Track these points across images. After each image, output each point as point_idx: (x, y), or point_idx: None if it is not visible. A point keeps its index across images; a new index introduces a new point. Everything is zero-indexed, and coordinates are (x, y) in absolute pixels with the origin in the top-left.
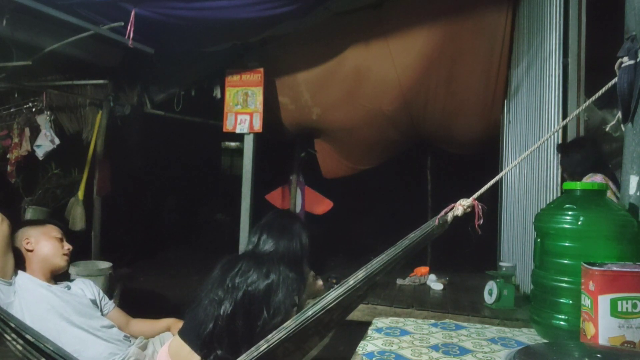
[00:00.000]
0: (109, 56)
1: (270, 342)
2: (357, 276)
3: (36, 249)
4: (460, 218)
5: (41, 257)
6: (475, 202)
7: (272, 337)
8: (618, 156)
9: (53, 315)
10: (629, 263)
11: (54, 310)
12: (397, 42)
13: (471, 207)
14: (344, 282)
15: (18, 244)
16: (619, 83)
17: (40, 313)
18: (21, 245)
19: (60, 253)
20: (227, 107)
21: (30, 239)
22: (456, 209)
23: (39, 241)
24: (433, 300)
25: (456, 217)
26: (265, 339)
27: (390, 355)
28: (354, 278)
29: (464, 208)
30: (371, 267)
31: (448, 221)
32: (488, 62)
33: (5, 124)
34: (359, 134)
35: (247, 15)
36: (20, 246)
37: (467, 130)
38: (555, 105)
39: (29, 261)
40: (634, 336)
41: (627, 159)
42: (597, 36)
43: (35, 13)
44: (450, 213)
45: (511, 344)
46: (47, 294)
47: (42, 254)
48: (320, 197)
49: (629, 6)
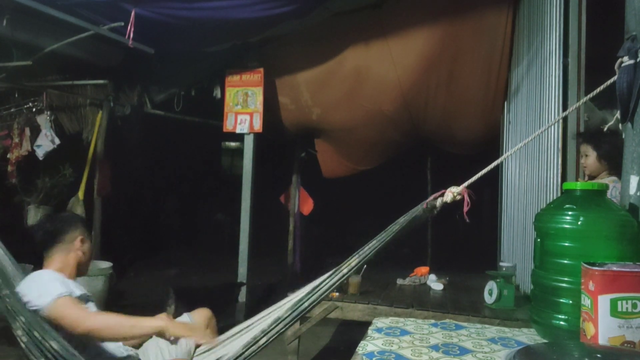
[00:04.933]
0: (109, 56)
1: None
2: (351, 264)
3: (85, 249)
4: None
5: (85, 260)
6: (465, 190)
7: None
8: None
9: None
10: (629, 263)
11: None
12: (397, 42)
13: (460, 195)
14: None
15: (69, 239)
16: (619, 83)
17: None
18: (74, 241)
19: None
20: (227, 107)
21: (84, 238)
22: (445, 195)
23: (86, 242)
24: (433, 300)
25: (445, 203)
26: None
27: (390, 355)
28: (347, 267)
29: (453, 195)
30: (363, 252)
31: (437, 206)
32: (488, 63)
33: (5, 124)
34: (359, 134)
35: (247, 15)
36: (71, 241)
37: (467, 131)
38: (556, 105)
39: (69, 259)
40: (634, 336)
41: (627, 159)
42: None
43: (35, 13)
44: (440, 199)
45: (511, 344)
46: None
47: (86, 258)
48: (306, 197)
49: (629, 6)
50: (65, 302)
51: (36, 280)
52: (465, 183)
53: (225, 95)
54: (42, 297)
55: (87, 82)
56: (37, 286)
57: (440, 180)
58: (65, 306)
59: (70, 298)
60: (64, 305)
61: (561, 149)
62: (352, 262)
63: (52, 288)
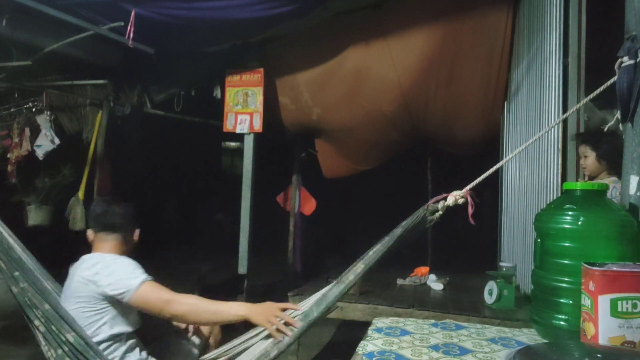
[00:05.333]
0: (109, 56)
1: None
2: (356, 270)
3: (136, 244)
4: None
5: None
6: (468, 193)
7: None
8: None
9: None
10: (629, 263)
11: None
12: (397, 42)
13: (463, 198)
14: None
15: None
16: (619, 83)
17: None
18: (133, 232)
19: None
20: (227, 107)
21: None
22: (448, 198)
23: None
24: (433, 301)
25: (448, 207)
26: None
27: (391, 355)
28: (353, 273)
29: (455, 198)
30: (367, 258)
31: (439, 210)
32: (488, 63)
33: (5, 124)
34: (359, 134)
35: (247, 15)
36: (132, 232)
37: (467, 131)
38: (556, 106)
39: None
40: (634, 336)
41: (627, 159)
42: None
43: (35, 13)
44: (442, 202)
45: (511, 344)
46: None
47: (133, 248)
48: (308, 197)
49: (629, 6)
50: (152, 286)
51: (116, 264)
52: (467, 186)
53: (225, 95)
54: (126, 280)
55: (87, 82)
56: (119, 271)
57: (441, 180)
58: (151, 291)
59: (154, 282)
60: (151, 290)
61: (561, 150)
62: (358, 269)
63: (136, 272)
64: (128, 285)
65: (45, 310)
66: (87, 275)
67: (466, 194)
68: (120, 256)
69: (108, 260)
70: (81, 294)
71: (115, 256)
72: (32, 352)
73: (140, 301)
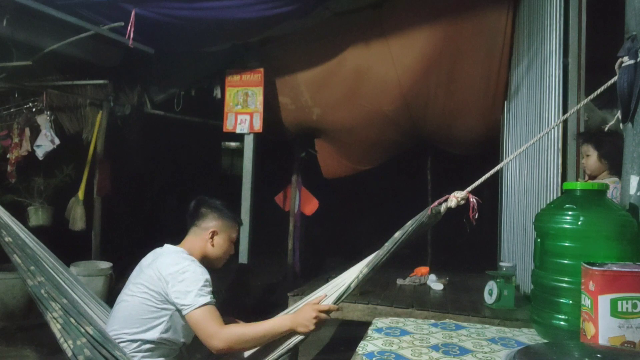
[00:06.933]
0: (109, 56)
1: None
2: (362, 272)
3: (216, 245)
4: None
5: (214, 256)
6: (470, 195)
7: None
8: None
9: None
10: (629, 263)
11: None
12: (397, 42)
13: (465, 199)
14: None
15: (203, 226)
16: (619, 83)
17: None
18: (206, 230)
19: (227, 257)
20: (227, 107)
21: (218, 232)
22: (450, 200)
23: (223, 238)
24: (433, 300)
25: (449, 208)
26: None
27: (390, 355)
28: (356, 278)
29: (457, 200)
30: (371, 262)
31: (441, 212)
32: (488, 63)
33: (5, 124)
34: (359, 134)
35: (247, 15)
36: (204, 230)
37: (467, 131)
38: (556, 106)
39: (195, 245)
40: (634, 336)
41: (627, 159)
42: (597, 36)
43: (35, 13)
44: (444, 204)
45: (511, 344)
46: None
47: (216, 254)
48: (309, 197)
49: (629, 6)
50: (205, 314)
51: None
52: (469, 187)
53: (225, 95)
54: (186, 296)
55: (87, 82)
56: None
57: (441, 180)
58: (203, 319)
59: (211, 310)
60: (203, 318)
61: (561, 149)
62: (363, 271)
63: (204, 290)
64: (191, 301)
65: (64, 303)
66: (163, 272)
67: (468, 196)
68: (194, 265)
69: (185, 266)
70: (151, 286)
71: (189, 263)
72: (28, 353)
73: (192, 322)
